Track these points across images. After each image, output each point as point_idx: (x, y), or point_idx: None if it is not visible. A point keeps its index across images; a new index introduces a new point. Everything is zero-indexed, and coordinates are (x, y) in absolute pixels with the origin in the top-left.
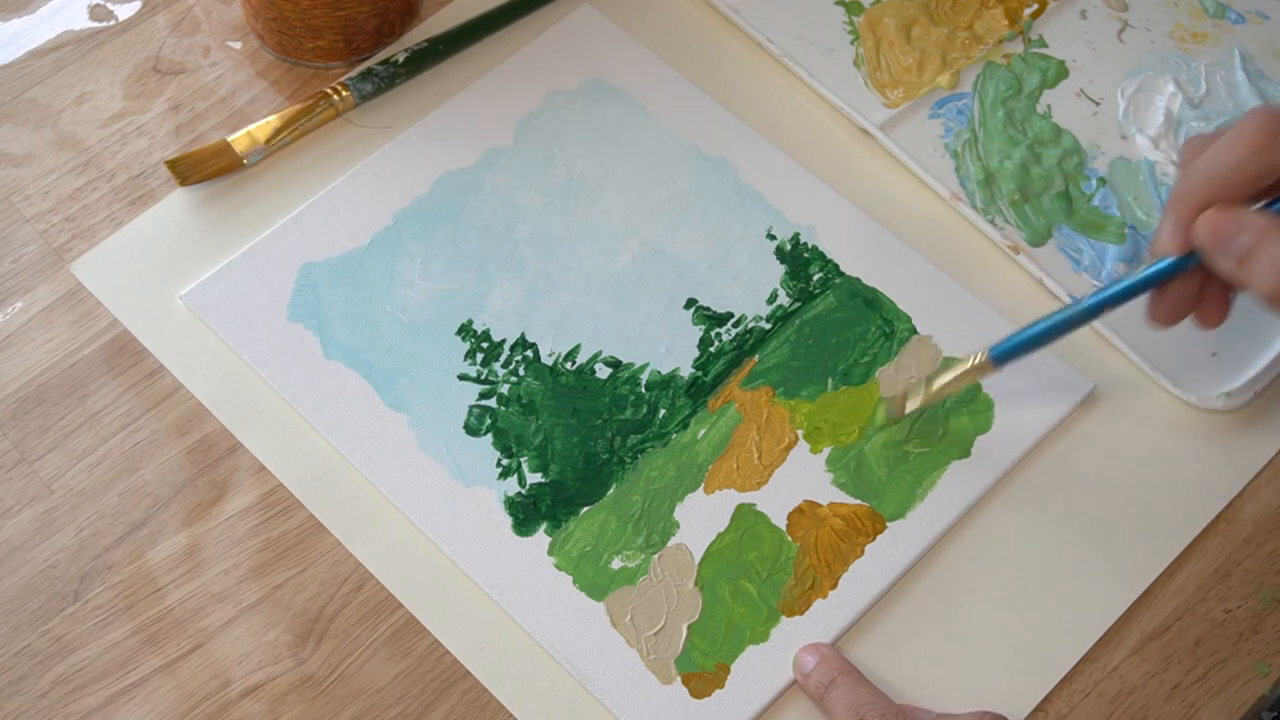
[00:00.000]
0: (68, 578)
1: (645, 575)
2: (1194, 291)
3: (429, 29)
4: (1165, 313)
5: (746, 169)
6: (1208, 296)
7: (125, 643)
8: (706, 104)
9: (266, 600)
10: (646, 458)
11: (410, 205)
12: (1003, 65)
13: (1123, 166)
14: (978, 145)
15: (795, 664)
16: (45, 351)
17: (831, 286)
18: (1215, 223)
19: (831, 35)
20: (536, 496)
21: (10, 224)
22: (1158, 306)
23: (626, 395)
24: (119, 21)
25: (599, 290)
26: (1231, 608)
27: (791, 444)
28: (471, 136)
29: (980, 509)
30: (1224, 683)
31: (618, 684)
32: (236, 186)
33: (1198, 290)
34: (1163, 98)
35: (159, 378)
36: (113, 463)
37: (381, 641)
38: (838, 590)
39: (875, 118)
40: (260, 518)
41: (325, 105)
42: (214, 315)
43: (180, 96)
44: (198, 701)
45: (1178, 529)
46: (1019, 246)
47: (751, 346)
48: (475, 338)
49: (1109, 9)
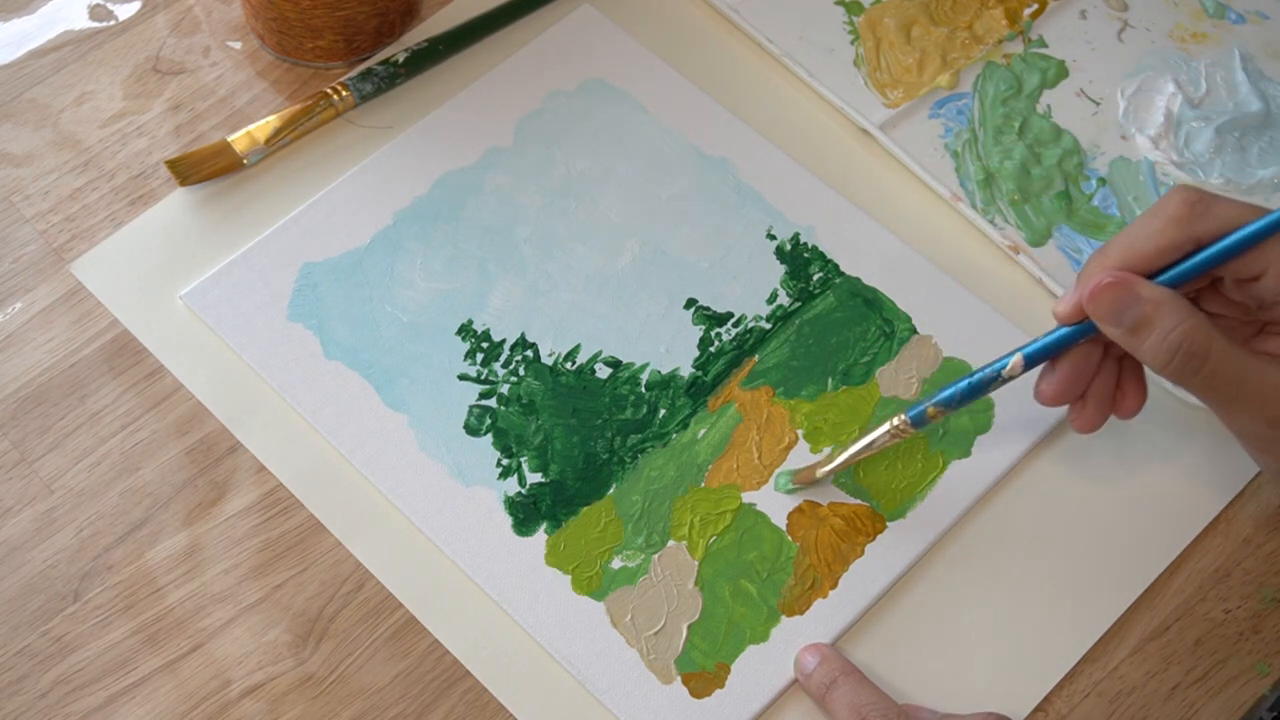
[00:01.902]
0: (68, 578)
1: (645, 575)
2: (1089, 372)
3: (429, 29)
4: (1053, 388)
5: (746, 169)
6: (1124, 381)
7: (125, 643)
8: (706, 104)
9: (266, 600)
10: (646, 458)
11: (410, 205)
12: (1003, 65)
13: (1123, 166)
14: (978, 145)
15: (796, 664)
16: (45, 351)
17: (831, 286)
18: (1110, 291)
19: (831, 35)
20: (536, 496)
21: (10, 224)
22: (1045, 383)
23: (626, 395)
24: (119, 21)
25: (599, 290)
26: (1231, 608)
27: (791, 444)
28: (471, 136)
29: (980, 509)
30: (1224, 683)
31: (618, 684)
32: (236, 186)
33: (1093, 372)
34: (1163, 98)
35: (159, 378)
36: (113, 463)
37: (381, 641)
38: (838, 590)
39: (875, 118)
40: (260, 518)
41: (325, 105)
42: (214, 315)
43: (180, 96)
44: (198, 701)
45: (1178, 529)
46: (1019, 246)
47: (751, 346)
48: (475, 338)
49: (1109, 9)
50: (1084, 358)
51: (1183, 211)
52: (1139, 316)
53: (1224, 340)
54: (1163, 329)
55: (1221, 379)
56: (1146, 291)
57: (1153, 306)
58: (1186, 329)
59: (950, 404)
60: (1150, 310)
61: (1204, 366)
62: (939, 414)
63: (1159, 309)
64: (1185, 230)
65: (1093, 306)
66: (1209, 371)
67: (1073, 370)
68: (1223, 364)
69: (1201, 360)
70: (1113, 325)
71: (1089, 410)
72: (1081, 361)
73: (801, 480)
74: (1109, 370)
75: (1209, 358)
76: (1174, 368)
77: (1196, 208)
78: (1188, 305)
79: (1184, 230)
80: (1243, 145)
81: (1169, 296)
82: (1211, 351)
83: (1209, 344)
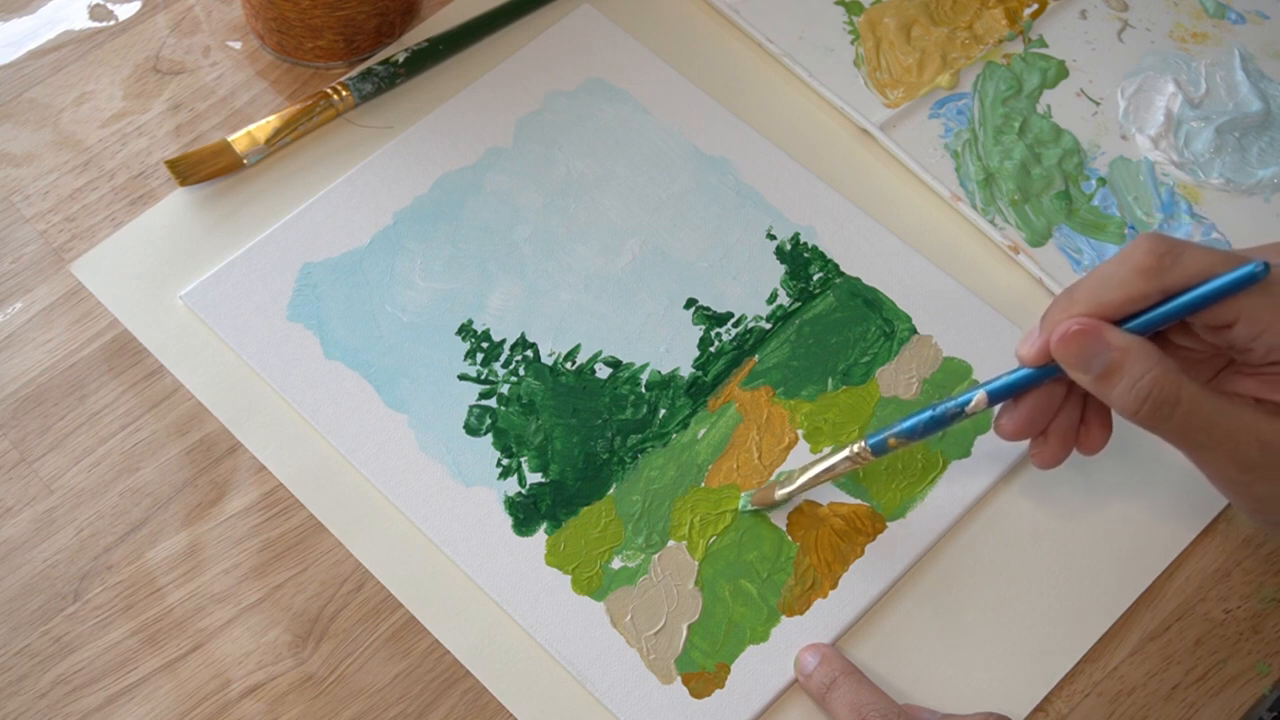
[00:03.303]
0: (68, 578)
1: (645, 575)
2: (1051, 410)
3: (429, 29)
4: (1014, 424)
5: (746, 169)
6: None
7: (125, 643)
8: (706, 104)
9: (266, 600)
10: (646, 458)
11: (410, 205)
12: (1003, 65)
13: (1123, 166)
14: (978, 145)
15: (797, 664)
16: (45, 351)
17: (831, 286)
18: (1078, 338)
19: (831, 35)
20: (536, 496)
21: (10, 224)
22: (1006, 418)
23: (626, 395)
24: (119, 21)
25: (599, 290)
26: (1231, 608)
27: (792, 444)
28: (471, 136)
29: (980, 509)
30: (1224, 683)
31: (618, 684)
32: (236, 186)
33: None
34: (1163, 98)
35: (159, 378)
36: (113, 463)
37: (381, 641)
38: (838, 590)
39: (875, 118)
40: (260, 518)
41: (325, 105)
42: (214, 315)
43: (180, 96)
44: (198, 701)
45: (1178, 529)
46: (1019, 246)
47: (751, 346)
48: (475, 338)
49: (1109, 9)
50: (1046, 395)
51: (1151, 262)
52: (1107, 363)
53: (1194, 386)
54: (1131, 376)
55: (1192, 425)
56: (1115, 339)
57: (1121, 354)
58: (1155, 376)
59: (911, 435)
60: (1119, 357)
61: (1174, 413)
62: (899, 444)
63: (1127, 355)
64: (1154, 282)
65: (1060, 352)
66: (1179, 418)
67: (1034, 407)
68: (1193, 410)
69: (1171, 407)
70: (1080, 371)
71: (1050, 446)
72: (1044, 399)
73: (760, 501)
74: (1072, 406)
75: (1179, 404)
76: (1144, 415)
77: (1165, 259)
78: (1157, 352)
79: (1152, 282)
80: (1243, 145)
81: (1137, 343)
82: (1181, 398)
83: (1179, 390)
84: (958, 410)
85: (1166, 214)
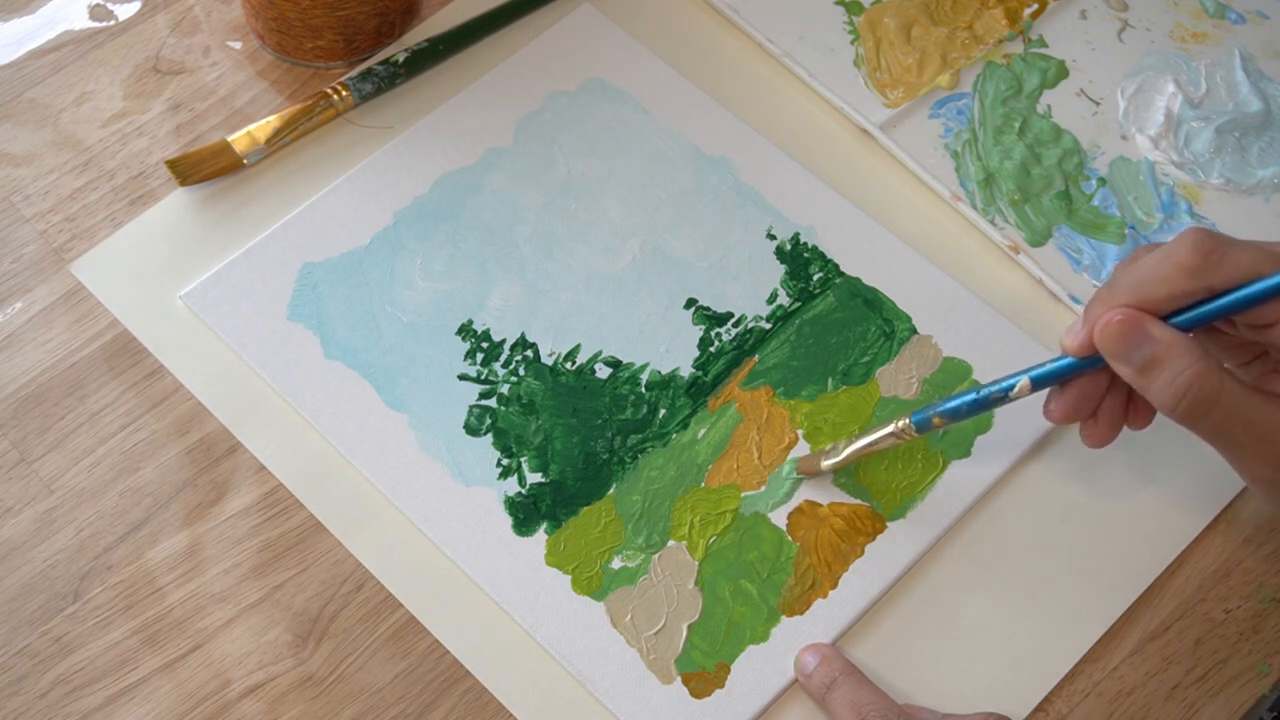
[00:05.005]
0: (68, 578)
1: (645, 575)
2: (1098, 394)
3: (429, 29)
4: (1061, 411)
5: (746, 169)
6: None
7: (125, 643)
8: (706, 104)
9: (266, 600)
10: (646, 457)
11: (410, 205)
12: (1003, 65)
13: (1123, 166)
14: (978, 145)
15: (797, 664)
16: (45, 351)
17: (831, 286)
18: (1121, 329)
19: (831, 35)
20: (536, 496)
21: (10, 224)
22: (1054, 404)
23: (626, 395)
24: (119, 21)
25: (599, 290)
26: (1231, 608)
27: (792, 444)
28: (471, 136)
29: (980, 509)
30: (1224, 683)
31: (618, 684)
32: (236, 186)
33: (1102, 394)
34: (1163, 98)
35: (159, 378)
36: (113, 463)
37: (381, 641)
38: (838, 590)
39: (875, 118)
40: (260, 518)
41: (325, 105)
42: (214, 315)
43: (180, 96)
44: (198, 701)
45: (1178, 529)
46: (1019, 246)
47: (751, 346)
48: (475, 338)
49: (1109, 9)
50: (1092, 381)
51: (1195, 261)
52: (1148, 356)
53: (1234, 384)
54: (1172, 371)
55: (1230, 424)
56: (1157, 332)
57: (1163, 347)
58: (1196, 372)
59: (955, 416)
60: (1160, 351)
61: (1213, 411)
62: (943, 423)
63: (1169, 350)
64: (1198, 280)
65: (1103, 342)
66: (1218, 416)
67: (1081, 394)
68: (1232, 409)
69: (1210, 405)
70: (1122, 362)
71: (1101, 428)
72: (1090, 385)
73: (805, 469)
74: (1119, 389)
75: (1218, 402)
76: (1182, 410)
77: (1210, 257)
78: (1199, 348)
79: (1196, 280)
80: (1243, 145)
81: (1180, 338)
82: (1221, 396)
83: (1219, 388)
84: (1001, 395)
85: (1166, 214)
